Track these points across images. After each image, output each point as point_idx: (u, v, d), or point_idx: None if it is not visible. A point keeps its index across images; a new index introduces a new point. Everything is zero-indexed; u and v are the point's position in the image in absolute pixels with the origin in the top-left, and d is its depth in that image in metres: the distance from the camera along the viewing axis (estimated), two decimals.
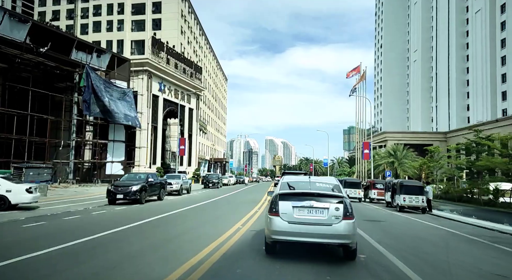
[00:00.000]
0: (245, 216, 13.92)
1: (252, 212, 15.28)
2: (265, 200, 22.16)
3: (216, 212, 16.11)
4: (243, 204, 20.39)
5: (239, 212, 15.22)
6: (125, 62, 32.92)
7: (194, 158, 55.52)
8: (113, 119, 29.80)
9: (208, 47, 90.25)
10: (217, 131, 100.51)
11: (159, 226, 11.12)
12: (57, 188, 25.00)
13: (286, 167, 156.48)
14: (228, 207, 18.76)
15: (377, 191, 23.59)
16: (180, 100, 50.96)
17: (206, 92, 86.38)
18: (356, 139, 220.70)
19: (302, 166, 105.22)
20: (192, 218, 13.68)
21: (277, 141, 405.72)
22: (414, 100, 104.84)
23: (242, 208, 17.16)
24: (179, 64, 49.80)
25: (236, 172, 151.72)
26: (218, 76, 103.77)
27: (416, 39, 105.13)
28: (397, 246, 8.94)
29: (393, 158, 39.56)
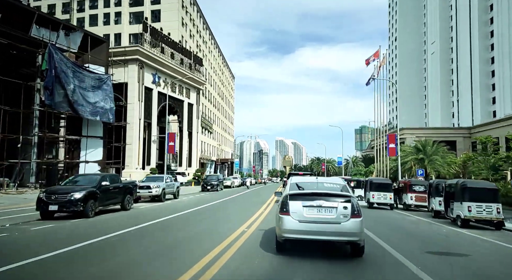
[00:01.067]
0: (224, 240, 8.36)
1: (237, 233, 9.69)
2: (264, 209, 16.59)
3: (186, 230, 10.61)
4: (234, 215, 14.87)
5: (219, 233, 9.65)
6: (102, 43, 27.77)
7: (195, 158, 50.22)
8: (76, 111, 24.42)
9: (213, 43, 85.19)
10: (224, 131, 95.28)
11: (59, 269, 5.72)
12: (9, 193, 20.00)
13: (297, 167, 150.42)
14: (209, 221, 13.20)
15: (415, 195, 17.69)
16: (178, 94, 45.75)
17: (212, 90, 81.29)
18: (368, 138, 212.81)
19: (313, 166, 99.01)
20: (136, 245, 8.20)
21: (287, 142, 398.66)
22: (432, 95, 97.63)
23: (228, 225, 11.60)
24: (176, 54, 44.61)
25: (246, 173, 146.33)
26: (225, 74, 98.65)
27: (434, 30, 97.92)
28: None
29: (422, 154, 33.41)
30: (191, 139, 49.68)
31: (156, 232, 10.31)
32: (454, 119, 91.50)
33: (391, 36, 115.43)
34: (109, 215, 13.70)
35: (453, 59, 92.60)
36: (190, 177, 47.73)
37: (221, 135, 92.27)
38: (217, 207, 18.56)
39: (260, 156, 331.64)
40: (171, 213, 14.81)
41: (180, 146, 47.35)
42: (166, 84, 43.18)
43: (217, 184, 34.60)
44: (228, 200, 23.40)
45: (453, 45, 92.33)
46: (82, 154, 26.27)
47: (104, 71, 27.82)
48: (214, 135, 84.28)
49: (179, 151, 47.47)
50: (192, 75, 48.03)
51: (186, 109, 47.79)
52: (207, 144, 77.58)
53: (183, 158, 47.37)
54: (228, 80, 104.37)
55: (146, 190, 19.71)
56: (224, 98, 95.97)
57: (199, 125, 63.63)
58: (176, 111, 45.63)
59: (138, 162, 37.89)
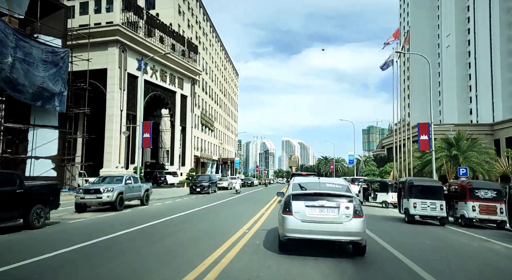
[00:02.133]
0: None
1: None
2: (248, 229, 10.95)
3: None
4: (203, 235, 9.07)
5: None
6: (59, 9, 22.30)
7: (188, 156, 44.57)
8: (12, 92, 18.63)
9: (214, 36, 79.69)
10: (226, 129, 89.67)
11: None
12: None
13: (304, 167, 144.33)
14: (157, 248, 7.33)
15: (479, 204, 11.66)
16: (169, 84, 40.18)
17: (213, 85, 75.82)
18: (376, 138, 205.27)
19: (320, 166, 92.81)
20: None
21: (293, 142, 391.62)
22: (448, 91, 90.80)
23: (183, 257, 5.83)
24: (166, 38, 39.05)
25: (251, 173, 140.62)
26: (228, 70, 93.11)
27: (449, 22, 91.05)
28: None
29: (455, 150, 27.34)
30: (184, 135, 44.06)
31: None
32: (472, 116, 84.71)
33: (402, 29, 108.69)
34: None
35: (471, 52, 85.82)
36: (184, 177, 42.17)
37: (224, 133, 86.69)
38: (190, 218, 12.83)
39: (266, 156, 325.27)
40: (110, 231, 9.16)
41: (172, 142, 41.79)
42: (155, 72, 37.63)
43: (208, 185, 28.89)
44: (211, 208, 17.67)
45: (471, 37, 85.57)
46: (30, 147, 20.69)
47: (61, 44, 22.36)
48: (216, 133, 78.74)
49: (171, 148, 41.92)
50: (185, 63, 42.40)
51: (179, 102, 42.17)
52: (207, 142, 72.05)
53: (175, 156, 41.79)
54: (232, 77, 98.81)
55: (94, 194, 14.06)
56: (226, 95, 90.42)
57: (194, 120, 57.99)
58: (167, 103, 40.07)
59: (120, 160, 32.35)
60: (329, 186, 7.05)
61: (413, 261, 6.51)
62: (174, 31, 41.08)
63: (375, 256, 6.89)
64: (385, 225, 12.49)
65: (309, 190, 6.79)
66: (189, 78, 44.48)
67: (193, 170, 42.60)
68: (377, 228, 10.99)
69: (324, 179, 7.76)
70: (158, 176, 36.18)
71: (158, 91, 38.45)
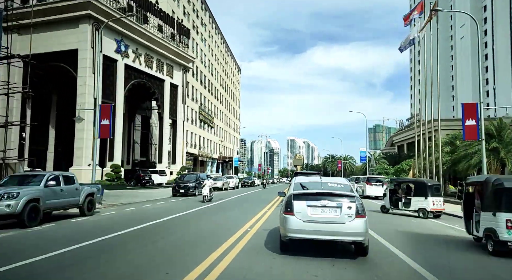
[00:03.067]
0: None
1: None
2: None
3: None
4: None
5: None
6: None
7: (180, 152, 39.38)
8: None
9: (214, 27, 74.52)
10: (228, 127, 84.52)
11: None
12: None
13: (309, 166, 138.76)
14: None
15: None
16: (156, 71, 35.07)
17: (212, 79, 70.70)
18: (383, 137, 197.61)
19: (327, 165, 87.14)
20: None
21: (299, 141, 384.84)
22: (462, 85, 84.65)
23: None
24: (152, 18, 33.91)
25: (254, 173, 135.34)
26: (229, 64, 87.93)
27: (463, 11, 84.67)
28: None
29: (496, 142, 21.85)
30: (175, 129, 38.89)
31: None
32: (490, 111, 78.54)
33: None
34: None
35: (487, 43, 79.63)
36: (174, 176, 37.03)
37: (225, 131, 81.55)
38: (134, 239, 7.58)
39: (271, 156, 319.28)
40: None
41: (160, 137, 36.67)
42: (138, 56, 32.52)
43: (194, 186, 23.69)
44: (180, 218, 12.48)
45: (488, 27, 79.39)
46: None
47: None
48: (216, 130, 73.64)
49: (159, 144, 36.80)
50: (175, 48, 37.20)
51: (168, 91, 37.02)
52: (207, 139, 66.97)
53: (164, 153, 36.62)
54: (233, 72, 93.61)
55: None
56: (228, 90, 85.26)
57: (187, 113, 52.86)
58: (154, 93, 34.97)
59: (93, 156, 27.24)
60: (331, 185, 6.86)
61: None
62: (162, 10, 35.88)
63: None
64: (451, 258, 7.14)
65: (311, 189, 6.64)
66: (180, 65, 39.28)
67: (184, 168, 37.44)
68: (436, 263, 6.22)
69: (326, 179, 7.61)
70: (141, 175, 31.09)
71: (142, 78, 33.34)
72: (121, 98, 30.52)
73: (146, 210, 14.93)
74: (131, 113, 39.50)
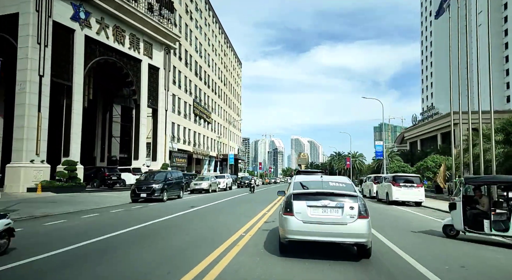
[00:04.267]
0: None
1: None
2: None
3: None
4: None
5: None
6: None
7: (162, 148, 32.80)
8: None
9: (211, 15, 68.04)
10: (228, 123, 78.04)
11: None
12: None
13: (314, 165, 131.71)
14: None
15: None
16: (130, 49, 28.64)
17: (209, 71, 64.29)
18: (389, 136, 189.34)
19: (333, 163, 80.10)
20: None
21: (303, 140, 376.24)
22: (480, 77, 76.86)
23: None
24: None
25: (257, 172, 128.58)
26: (228, 56, 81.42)
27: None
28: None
29: None
30: (156, 120, 32.36)
31: None
32: (510, 104, 71.15)
33: (424, 11, 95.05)
34: None
35: (508, 30, 72.14)
36: None
37: (224, 127, 75.09)
38: None
39: (275, 155, 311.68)
40: None
41: (136, 129, 30.19)
42: (104, 27, 26.07)
43: (161, 188, 17.20)
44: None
45: (508, 13, 71.90)
46: None
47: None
48: (214, 126, 67.20)
49: (134, 137, 30.33)
50: (155, 22, 30.66)
51: (146, 74, 30.53)
52: (203, 135, 60.55)
53: (141, 148, 30.08)
54: (233, 66, 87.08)
55: None
56: (227, 84, 78.79)
57: (178, 104, 46.68)
58: (127, 75, 28.56)
59: (38, 150, 20.89)
60: (333, 184, 6.48)
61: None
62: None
63: None
64: None
65: (311, 189, 6.25)
66: (161, 44, 32.71)
67: (166, 165, 30.96)
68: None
69: (327, 177, 7.08)
70: (107, 174, 24.64)
71: (111, 56, 26.91)
72: (80, 79, 24.08)
73: (61, 229, 8.50)
74: (107, 102, 33.13)
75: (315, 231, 5.73)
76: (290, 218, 5.85)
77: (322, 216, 5.80)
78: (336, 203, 5.83)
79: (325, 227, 5.72)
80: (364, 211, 5.81)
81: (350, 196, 5.97)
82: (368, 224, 5.79)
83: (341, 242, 5.94)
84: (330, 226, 5.72)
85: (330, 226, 5.72)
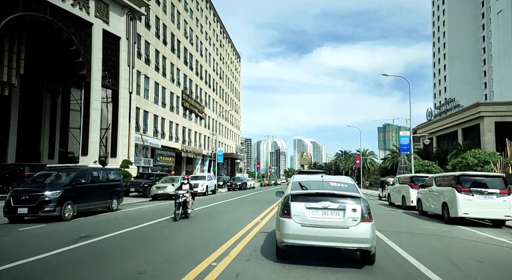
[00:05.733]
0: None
1: None
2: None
3: None
4: None
5: None
6: None
7: (124, 140, 24.98)
8: None
9: (204, 0, 60.55)
10: (224, 120, 70.51)
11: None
12: None
13: (317, 165, 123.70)
14: None
15: None
16: (72, 7, 20.97)
17: (202, 61, 56.87)
18: (393, 136, 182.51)
19: (339, 162, 72.03)
20: None
21: (306, 141, 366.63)
22: (499, 69, 68.75)
23: None
24: None
25: (264, 173, 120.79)
26: (225, 47, 73.97)
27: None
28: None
29: None
30: (116, 104, 24.66)
31: None
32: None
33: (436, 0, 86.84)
34: None
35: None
36: None
37: (221, 124, 67.57)
38: None
39: (277, 156, 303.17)
40: None
41: (85, 115, 22.41)
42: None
43: (58, 197, 9.59)
44: None
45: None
46: None
47: None
48: (208, 122, 59.67)
49: (83, 127, 22.55)
50: None
51: (100, 43, 22.86)
52: (194, 131, 53.04)
53: (91, 139, 22.32)
54: (231, 58, 79.54)
55: None
56: (223, 77, 71.28)
57: (162, 94, 39.26)
58: (70, 41, 20.92)
59: None
60: (334, 185, 5.85)
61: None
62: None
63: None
64: None
65: (310, 189, 5.64)
66: (123, 6, 24.99)
67: (128, 162, 23.26)
68: None
69: (328, 177, 6.36)
70: (27, 174, 17.04)
71: (43, 13, 19.33)
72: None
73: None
74: (54, 83, 25.53)
75: (315, 235, 5.25)
76: (288, 220, 5.37)
77: (322, 219, 5.31)
78: (337, 205, 5.31)
79: (325, 231, 5.23)
80: (367, 214, 5.26)
81: (353, 197, 5.40)
82: (372, 228, 5.22)
83: (343, 247, 5.34)
84: (331, 230, 5.21)
85: (330, 230, 5.21)
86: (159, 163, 42.59)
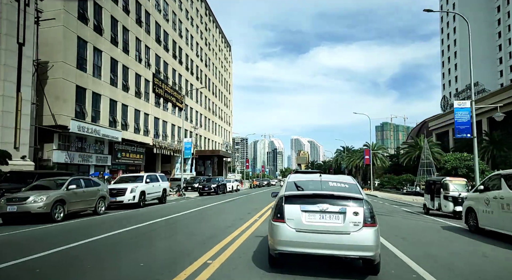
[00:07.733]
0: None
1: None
2: None
3: None
4: None
5: None
6: None
7: (24, 126, 15.65)
8: None
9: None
10: (211, 113, 61.45)
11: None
12: None
13: (315, 164, 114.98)
14: None
15: None
16: None
17: (183, 44, 47.95)
18: (391, 135, 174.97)
19: (340, 160, 62.96)
20: None
21: (303, 141, 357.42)
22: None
23: None
24: None
25: (255, 173, 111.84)
26: (211, 32, 64.98)
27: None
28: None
29: None
30: (19, 71, 15.38)
31: None
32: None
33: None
34: None
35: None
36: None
37: (206, 118, 58.58)
38: None
39: (274, 155, 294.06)
40: None
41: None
42: None
43: None
44: None
45: None
46: None
47: None
48: (190, 114, 50.64)
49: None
50: None
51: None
52: (171, 124, 44.06)
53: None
54: (218, 45, 70.48)
55: None
56: (210, 65, 62.22)
57: (107, 66, 29.57)
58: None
59: None
60: (333, 185, 5.13)
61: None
62: None
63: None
64: None
65: (307, 190, 4.90)
66: None
67: (17, 156, 14.15)
68: None
69: (327, 177, 5.56)
70: None
71: None
72: None
73: None
74: None
75: (311, 241, 4.53)
76: (281, 225, 4.65)
77: (320, 223, 4.59)
78: (337, 208, 4.60)
79: (323, 237, 4.52)
80: (370, 218, 4.56)
81: (354, 199, 4.67)
82: (375, 234, 4.50)
83: (343, 255, 4.56)
84: (330, 236, 4.52)
85: (329, 236, 4.52)
86: (122, 160, 33.59)
